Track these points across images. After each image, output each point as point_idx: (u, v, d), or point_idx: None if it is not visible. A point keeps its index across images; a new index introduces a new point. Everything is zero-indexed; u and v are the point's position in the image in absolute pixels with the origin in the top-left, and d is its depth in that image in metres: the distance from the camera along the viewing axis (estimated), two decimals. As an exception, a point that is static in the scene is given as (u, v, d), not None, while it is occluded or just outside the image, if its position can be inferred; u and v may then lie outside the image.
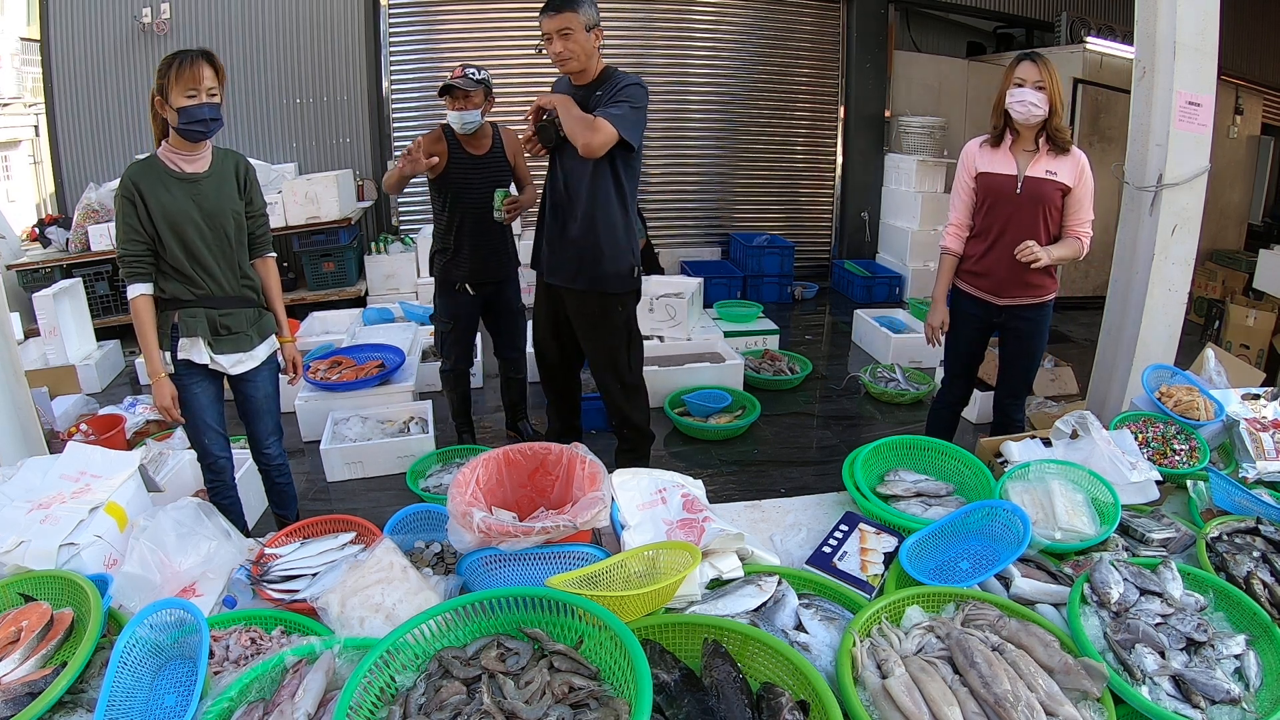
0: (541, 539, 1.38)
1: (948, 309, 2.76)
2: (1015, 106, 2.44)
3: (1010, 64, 2.47)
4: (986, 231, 2.60)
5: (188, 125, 2.06)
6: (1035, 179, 2.49)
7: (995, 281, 2.61)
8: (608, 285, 2.69)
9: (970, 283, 2.69)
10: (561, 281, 2.73)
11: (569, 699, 1.04)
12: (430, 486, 3.20)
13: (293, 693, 1.11)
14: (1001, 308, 2.64)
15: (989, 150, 2.58)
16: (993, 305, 2.65)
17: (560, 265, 2.71)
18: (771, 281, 6.23)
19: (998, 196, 2.54)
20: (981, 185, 2.59)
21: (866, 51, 6.60)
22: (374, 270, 5.75)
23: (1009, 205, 2.53)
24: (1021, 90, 2.41)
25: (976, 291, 2.68)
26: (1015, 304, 2.62)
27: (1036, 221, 2.52)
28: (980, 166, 2.59)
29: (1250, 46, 6.98)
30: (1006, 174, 2.53)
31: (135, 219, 2.10)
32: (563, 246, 2.68)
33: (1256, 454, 1.97)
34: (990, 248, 2.59)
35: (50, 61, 5.56)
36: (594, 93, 2.51)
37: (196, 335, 2.21)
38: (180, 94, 2.03)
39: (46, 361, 4.22)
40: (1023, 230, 2.50)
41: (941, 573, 1.51)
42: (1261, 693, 1.24)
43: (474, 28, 6.10)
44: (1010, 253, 2.50)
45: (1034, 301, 2.61)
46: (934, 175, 6.24)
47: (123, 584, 1.40)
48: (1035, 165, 2.49)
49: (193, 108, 2.04)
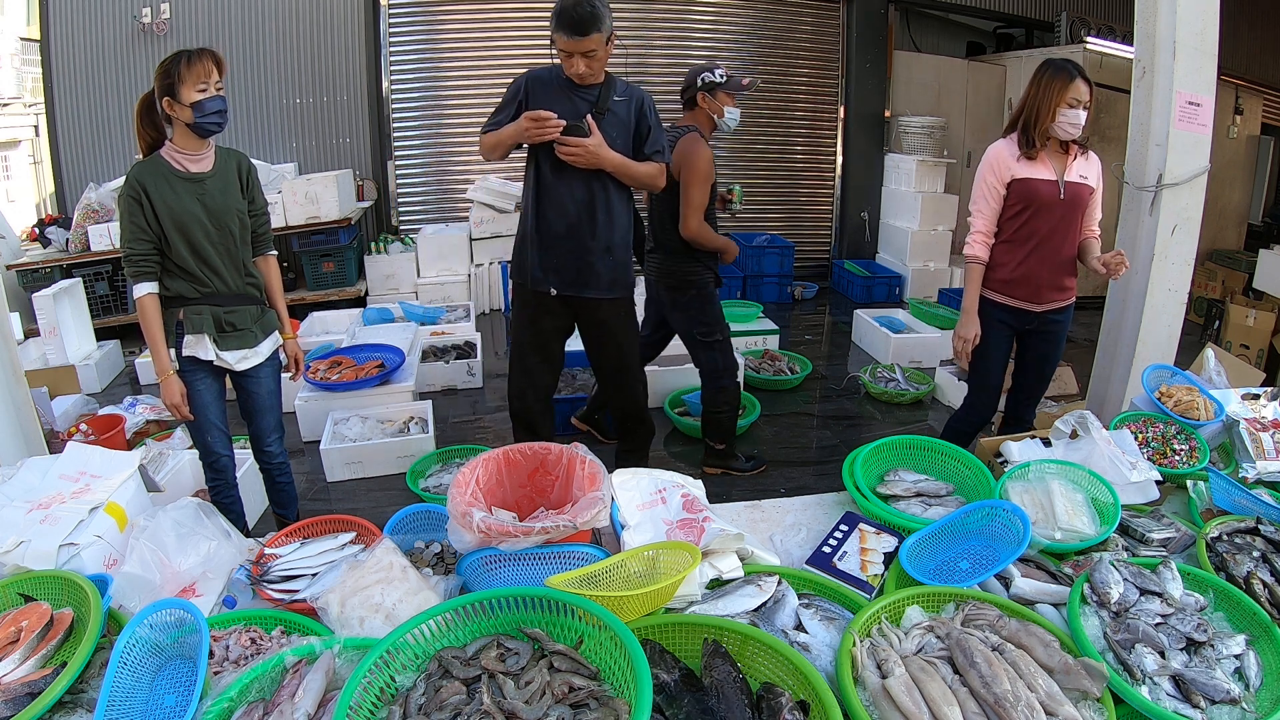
0: (541, 539, 1.38)
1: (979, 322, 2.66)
2: (1066, 126, 2.39)
3: (1054, 77, 2.37)
4: (1024, 239, 2.53)
5: (204, 119, 2.08)
6: (1074, 184, 2.47)
7: (1033, 288, 2.56)
8: (633, 288, 2.67)
9: (1004, 292, 2.61)
10: (593, 293, 2.56)
11: (569, 699, 1.04)
12: (430, 486, 3.20)
13: (293, 693, 1.11)
14: (1036, 314, 2.60)
15: (1024, 157, 2.49)
16: (1028, 313, 2.60)
17: (589, 276, 2.54)
18: (771, 281, 6.23)
19: (1041, 203, 2.47)
20: (1019, 192, 2.50)
21: (866, 51, 6.60)
22: (374, 270, 5.76)
23: (1054, 211, 2.48)
24: (1073, 112, 2.37)
25: (1012, 301, 2.60)
26: (1049, 309, 2.59)
27: (1073, 225, 2.50)
28: (1017, 173, 2.50)
29: (1250, 46, 6.98)
30: (1048, 179, 2.46)
31: (141, 218, 2.10)
32: (591, 257, 2.52)
33: (1256, 454, 1.97)
34: (1030, 254, 2.53)
35: (50, 61, 5.56)
36: (598, 96, 2.41)
37: (202, 332, 2.22)
38: (192, 88, 2.04)
39: (46, 361, 4.22)
40: (1063, 235, 2.49)
41: (941, 573, 1.51)
42: (1261, 693, 1.24)
43: (474, 28, 6.10)
44: (1051, 258, 2.48)
45: (1066, 303, 2.61)
46: (934, 175, 6.24)
47: (123, 584, 1.40)
48: (1071, 170, 2.47)
49: (206, 100, 2.06)
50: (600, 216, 2.49)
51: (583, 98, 2.41)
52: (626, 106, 2.46)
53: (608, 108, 2.41)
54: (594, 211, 2.48)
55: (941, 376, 4.28)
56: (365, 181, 6.08)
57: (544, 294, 2.58)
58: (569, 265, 2.53)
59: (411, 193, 6.44)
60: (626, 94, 2.47)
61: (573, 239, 2.50)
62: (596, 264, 2.53)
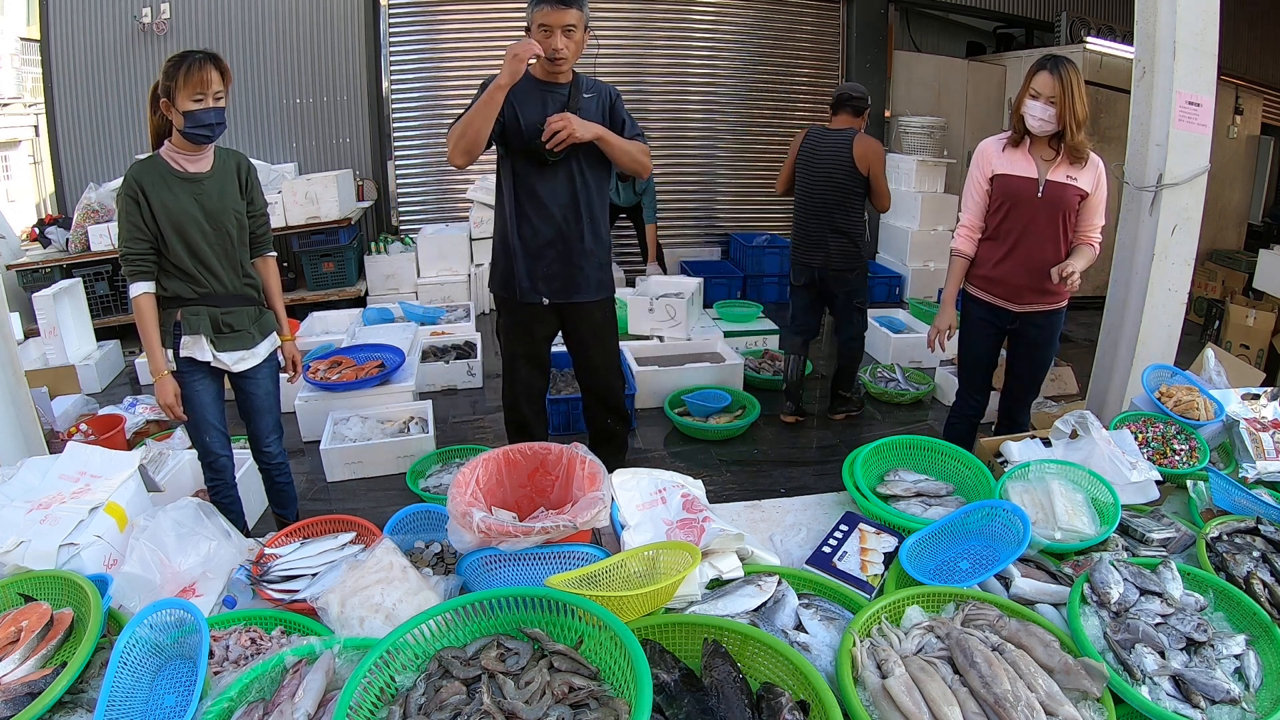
0: (541, 539, 1.38)
1: (957, 314, 2.68)
2: (1028, 118, 2.39)
3: (1031, 69, 2.39)
4: (1003, 236, 2.52)
5: (194, 130, 2.06)
6: (1056, 183, 2.43)
7: (1011, 288, 2.55)
8: (613, 287, 2.69)
9: (984, 289, 2.62)
10: (582, 297, 2.58)
11: (569, 699, 1.04)
12: (430, 486, 3.20)
13: (293, 693, 1.11)
14: (1016, 314, 2.59)
15: (1008, 151, 2.49)
16: (1008, 312, 2.59)
17: (579, 282, 2.55)
18: (771, 281, 6.22)
19: (1017, 200, 2.46)
20: (999, 187, 2.50)
21: (866, 51, 6.60)
22: (374, 270, 5.76)
23: (1028, 209, 2.45)
24: (1034, 104, 2.36)
25: (991, 298, 2.60)
26: (1031, 310, 2.57)
27: (1056, 227, 2.45)
28: (998, 168, 2.50)
29: (1250, 46, 6.98)
30: (1026, 177, 2.45)
31: (139, 218, 2.10)
32: (580, 260, 2.53)
33: (1256, 454, 1.97)
34: (1008, 254, 2.52)
35: (50, 61, 5.56)
36: (568, 94, 2.41)
37: (199, 333, 2.21)
38: (187, 98, 2.03)
39: (46, 361, 4.22)
40: (1042, 236, 2.45)
41: (941, 573, 1.51)
42: (1261, 693, 1.24)
43: (474, 28, 6.10)
44: (1028, 259, 2.45)
45: (1050, 308, 2.57)
46: (934, 175, 6.24)
47: (122, 584, 1.40)
48: (1056, 170, 2.43)
49: (199, 112, 2.04)
50: (585, 218, 2.50)
51: (553, 96, 2.41)
52: (596, 103, 2.47)
53: (578, 105, 2.42)
54: (578, 213, 2.48)
55: (941, 376, 4.28)
56: (365, 181, 6.08)
57: (534, 304, 2.57)
58: (557, 274, 2.53)
59: (411, 193, 6.44)
60: (595, 90, 2.48)
61: (559, 245, 2.49)
62: (585, 268, 2.54)
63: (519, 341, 2.68)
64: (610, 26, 6.18)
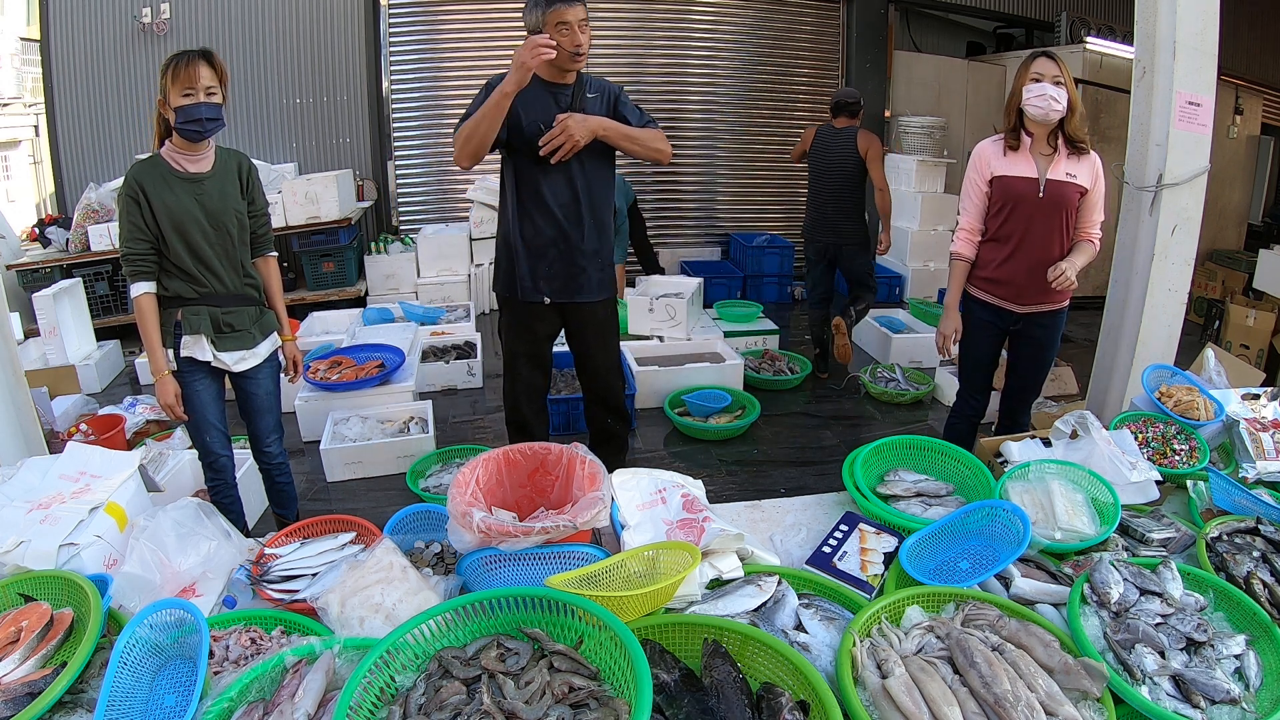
0: (541, 539, 1.38)
1: (960, 317, 2.67)
2: (1035, 103, 2.35)
3: (1024, 62, 2.39)
4: (1005, 237, 2.51)
5: (184, 124, 2.06)
6: (1057, 182, 2.41)
7: (1015, 289, 2.54)
8: (615, 287, 2.69)
9: (987, 290, 2.61)
10: (584, 297, 2.57)
11: (569, 699, 1.04)
12: (430, 486, 3.20)
13: (293, 693, 1.11)
14: (1020, 315, 2.58)
15: (1006, 153, 2.48)
16: (1011, 313, 2.59)
17: (582, 282, 2.55)
18: (771, 281, 6.22)
19: (1019, 201, 2.45)
20: (999, 189, 2.49)
21: (866, 51, 6.60)
22: (374, 270, 5.76)
23: (1030, 210, 2.44)
24: (1040, 85, 2.33)
25: (994, 299, 2.60)
26: (1034, 311, 2.56)
27: (1058, 226, 2.45)
28: (997, 170, 2.49)
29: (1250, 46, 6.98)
30: (1027, 177, 2.44)
31: (139, 218, 2.10)
32: (582, 261, 2.52)
33: (1256, 454, 1.97)
34: (1011, 255, 2.51)
35: (50, 61, 5.56)
36: (574, 94, 2.41)
37: (200, 333, 2.21)
38: (177, 94, 2.04)
39: (46, 361, 4.22)
40: (1044, 235, 2.44)
41: (941, 573, 1.51)
42: (1261, 693, 1.24)
43: (474, 28, 6.10)
44: (1032, 259, 2.44)
45: (1053, 308, 2.57)
46: (934, 175, 6.24)
47: (122, 584, 1.40)
48: (1055, 168, 2.42)
49: (189, 106, 2.05)
50: (586, 217, 2.49)
51: (558, 97, 2.41)
52: (600, 101, 2.47)
53: (582, 106, 2.42)
54: (580, 213, 2.48)
55: (941, 376, 4.28)
56: (365, 181, 6.08)
57: (536, 304, 2.58)
58: (559, 273, 2.53)
59: (411, 193, 6.44)
60: (599, 89, 2.48)
61: (561, 244, 2.49)
62: (587, 268, 2.54)
63: (521, 340, 2.68)
64: (610, 26, 6.18)
